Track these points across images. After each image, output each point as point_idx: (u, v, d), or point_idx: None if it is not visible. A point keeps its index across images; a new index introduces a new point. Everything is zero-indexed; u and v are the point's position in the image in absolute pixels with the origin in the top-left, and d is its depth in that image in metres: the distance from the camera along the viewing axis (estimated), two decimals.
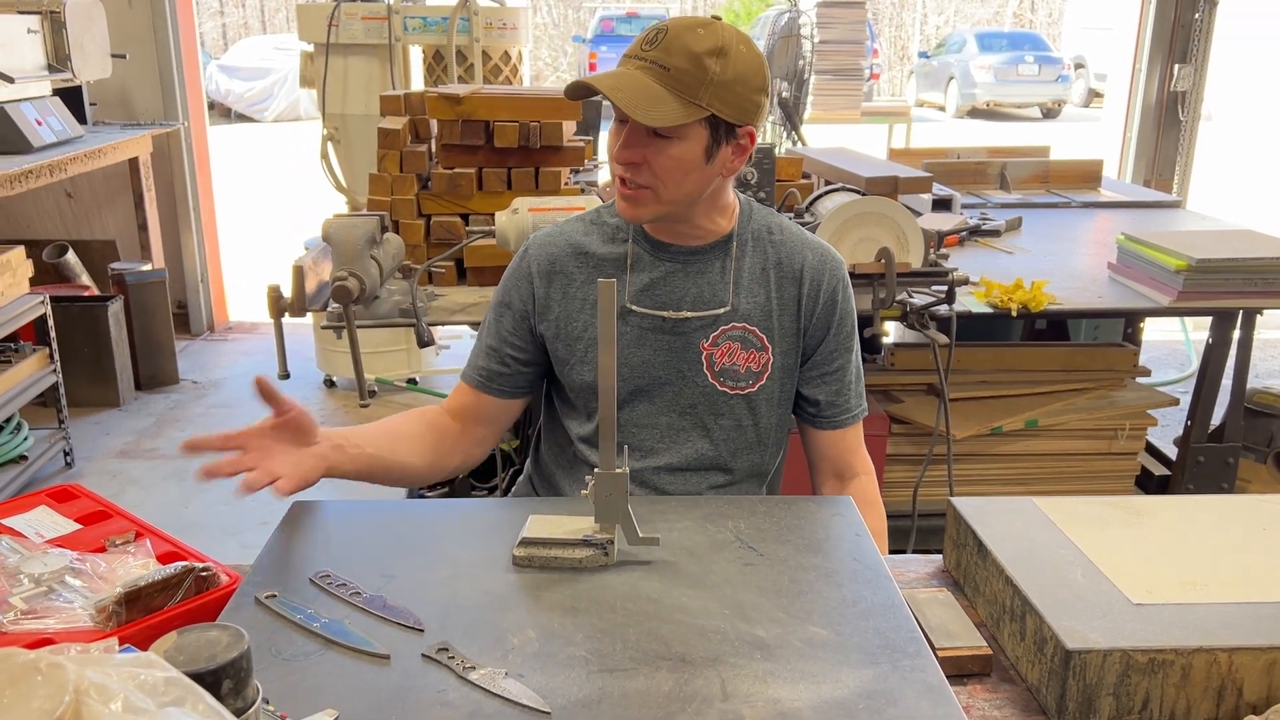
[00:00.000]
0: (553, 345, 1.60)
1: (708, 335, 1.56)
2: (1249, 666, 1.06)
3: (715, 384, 1.56)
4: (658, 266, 1.57)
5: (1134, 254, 2.69)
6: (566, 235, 1.61)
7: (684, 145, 1.42)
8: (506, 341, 1.61)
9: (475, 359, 1.64)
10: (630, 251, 1.57)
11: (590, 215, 1.64)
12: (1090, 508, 1.38)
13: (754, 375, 1.57)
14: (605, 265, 1.58)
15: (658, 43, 1.40)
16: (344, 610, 1.12)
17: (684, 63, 1.38)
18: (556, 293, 1.59)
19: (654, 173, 1.44)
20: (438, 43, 4.47)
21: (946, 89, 17.31)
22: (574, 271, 1.59)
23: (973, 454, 2.91)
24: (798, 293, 1.59)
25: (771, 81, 5.04)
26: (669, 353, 1.56)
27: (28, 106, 4.17)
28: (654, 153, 1.43)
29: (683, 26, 1.42)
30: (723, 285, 1.56)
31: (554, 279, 1.59)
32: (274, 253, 6.90)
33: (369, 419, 4.77)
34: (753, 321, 1.57)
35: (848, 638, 1.08)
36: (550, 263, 1.59)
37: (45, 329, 3.73)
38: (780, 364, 1.59)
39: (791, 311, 1.59)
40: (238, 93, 16.45)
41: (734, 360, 1.56)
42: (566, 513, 1.28)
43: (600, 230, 1.61)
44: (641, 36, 1.44)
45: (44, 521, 1.41)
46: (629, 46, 1.46)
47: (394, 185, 2.78)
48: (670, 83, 1.39)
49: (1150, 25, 5.38)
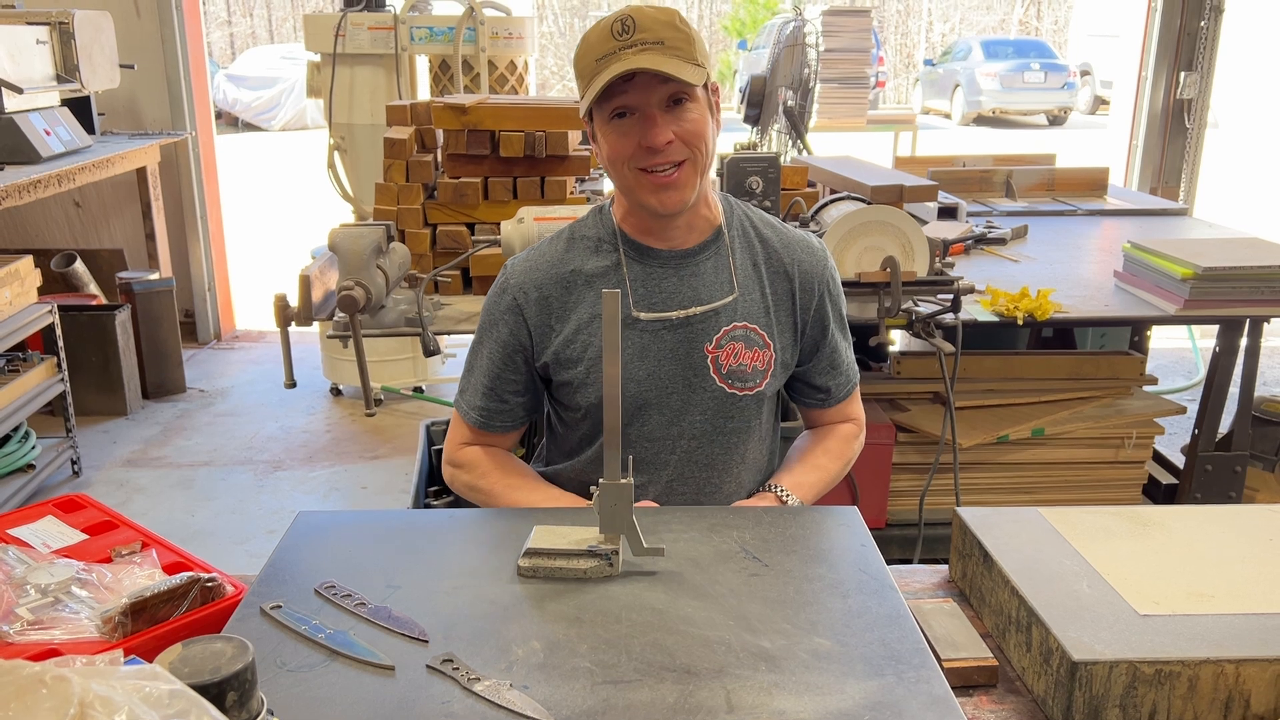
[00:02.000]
0: (554, 370, 1.58)
1: (710, 338, 1.56)
2: (1256, 678, 1.06)
3: (725, 387, 1.56)
4: (651, 272, 1.56)
5: (1140, 262, 2.69)
6: (547, 259, 1.59)
7: (696, 106, 1.46)
8: (501, 378, 1.60)
9: (472, 398, 1.63)
10: (622, 260, 1.57)
11: (565, 233, 1.62)
12: (1096, 518, 1.38)
13: (760, 374, 1.58)
14: (596, 280, 1.56)
15: (631, 29, 1.43)
16: (349, 621, 1.12)
17: (668, 33, 1.43)
18: (553, 319, 1.57)
19: (686, 142, 1.46)
20: (444, 52, 4.49)
21: (952, 96, 17.31)
22: (564, 295, 1.56)
23: (979, 463, 2.90)
24: (791, 289, 1.60)
25: (778, 90, 5.06)
26: (674, 362, 1.55)
27: (36, 117, 4.19)
28: (679, 124, 1.45)
29: (635, 10, 1.45)
30: (720, 280, 1.57)
31: (547, 307, 1.57)
32: (280, 261, 6.93)
33: (375, 428, 4.77)
34: (753, 319, 1.58)
35: (853, 649, 1.07)
36: (537, 289, 1.57)
37: (53, 338, 3.75)
38: (780, 359, 1.60)
39: (787, 308, 1.60)
40: (245, 102, 16.53)
41: (740, 360, 1.56)
42: (571, 523, 1.28)
43: (581, 245, 1.59)
44: (603, 34, 1.44)
45: (51, 532, 1.41)
46: (596, 48, 1.44)
47: (400, 194, 2.79)
48: (672, 52, 1.43)
49: (1156, 33, 5.37)
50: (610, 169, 1.50)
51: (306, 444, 4.30)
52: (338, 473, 4.04)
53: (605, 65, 1.43)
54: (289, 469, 4.07)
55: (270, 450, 4.23)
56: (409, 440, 4.31)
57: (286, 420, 4.54)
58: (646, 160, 1.46)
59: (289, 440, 4.34)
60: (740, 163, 2.55)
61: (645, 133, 1.44)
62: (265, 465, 4.10)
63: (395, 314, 2.49)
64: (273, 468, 4.08)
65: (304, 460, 4.15)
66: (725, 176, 2.56)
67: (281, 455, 4.19)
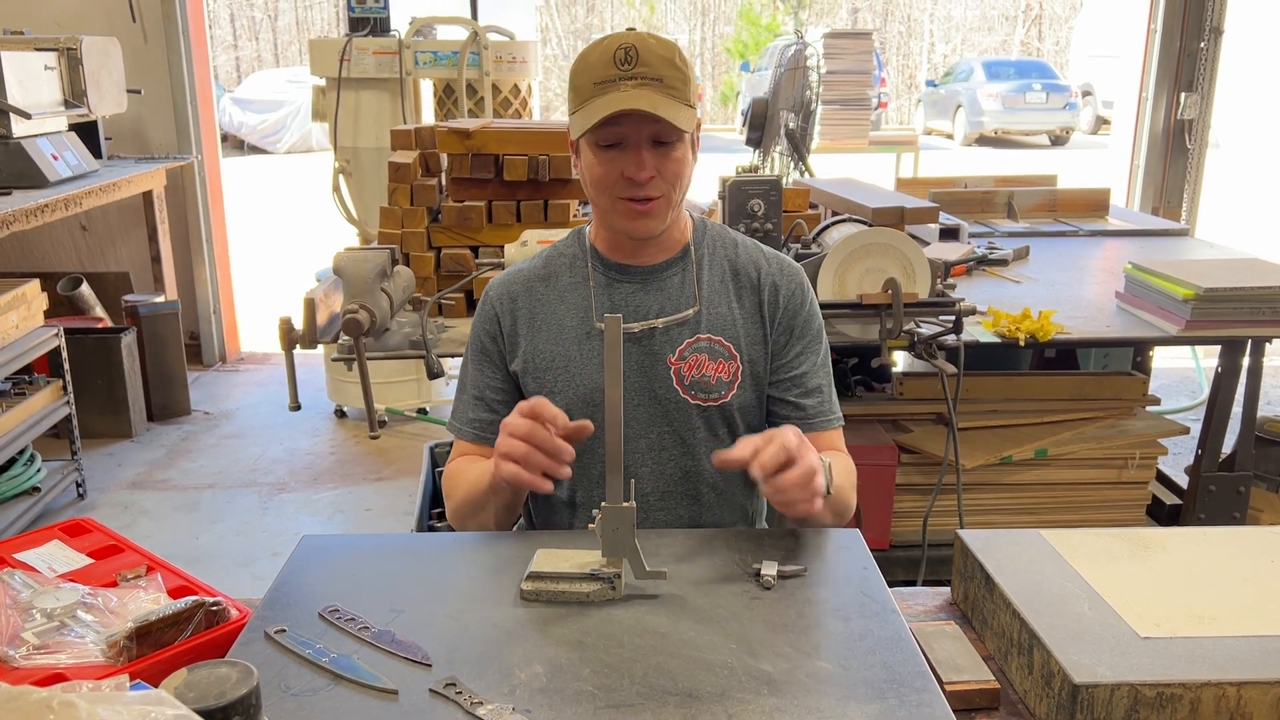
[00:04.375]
0: (524, 381, 1.61)
1: (674, 349, 1.58)
2: (1258, 700, 1.06)
3: (687, 397, 1.58)
4: (619, 287, 1.61)
5: (1142, 283, 2.69)
6: (524, 272, 1.66)
7: (681, 146, 1.50)
8: (490, 387, 1.63)
9: (463, 411, 1.64)
10: (590, 277, 1.61)
11: (546, 252, 1.68)
12: (1098, 540, 1.38)
13: (725, 385, 1.59)
14: (568, 293, 1.61)
15: (634, 60, 1.45)
16: (353, 645, 1.13)
17: (668, 70, 1.46)
18: (522, 326, 1.61)
19: (665, 179, 1.50)
20: (448, 76, 4.52)
21: (954, 117, 17.37)
22: (535, 303, 1.62)
23: (982, 484, 2.90)
24: (758, 299, 1.62)
25: (779, 113, 5.08)
26: (638, 371, 1.58)
27: (44, 141, 4.23)
28: (662, 162, 1.49)
29: (638, 38, 1.47)
30: (684, 294, 1.60)
31: (517, 315, 1.62)
32: (285, 284, 6.95)
33: (379, 450, 4.77)
34: (718, 331, 1.59)
35: (855, 672, 1.08)
36: (512, 300, 1.63)
37: (59, 361, 3.76)
38: (750, 372, 1.61)
39: (755, 319, 1.62)
40: (250, 125, 16.62)
41: (703, 372, 1.58)
42: (573, 547, 1.28)
43: (557, 262, 1.65)
44: (605, 58, 1.46)
45: (56, 556, 1.42)
46: (596, 70, 1.47)
47: (404, 218, 2.81)
48: (669, 91, 1.46)
49: (1156, 54, 5.40)
50: (590, 190, 1.55)
51: (311, 466, 4.31)
52: (342, 495, 4.05)
53: (604, 92, 1.45)
54: (293, 491, 4.08)
55: (275, 472, 4.24)
56: (413, 462, 4.31)
57: (291, 442, 4.55)
58: (627, 190, 1.50)
59: (293, 462, 4.34)
60: (742, 185, 2.57)
61: (630, 165, 1.48)
62: (270, 487, 4.10)
63: (399, 337, 2.51)
64: (277, 490, 4.08)
65: (308, 482, 4.16)
66: (727, 199, 2.58)
67: (286, 477, 4.20)
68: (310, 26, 23.34)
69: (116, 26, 5.07)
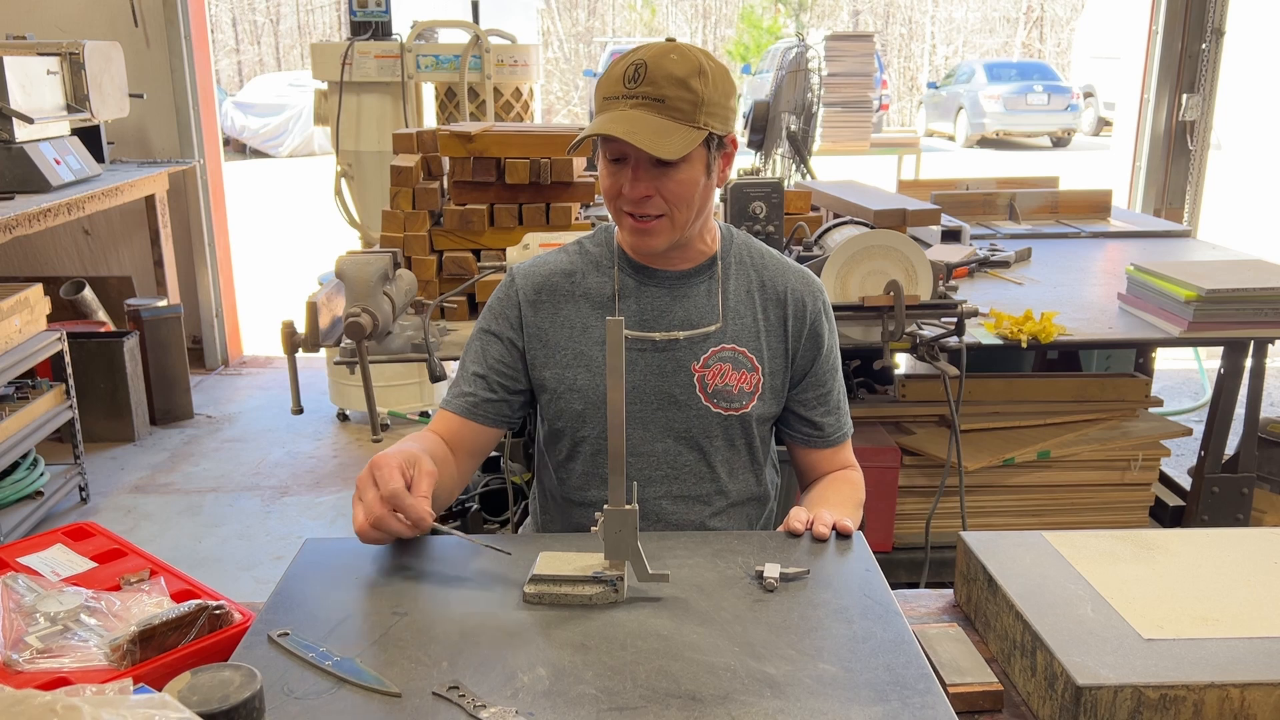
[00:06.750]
0: (539, 374, 1.60)
1: (698, 357, 1.58)
2: (1261, 702, 1.06)
3: (710, 405, 1.58)
4: (644, 292, 1.60)
5: (1144, 284, 2.69)
6: (551, 264, 1.64)
7: (690, 168, 1.47)
8: (494, 369, 1.61)
9: (459, 386, 1.63)
10: (616, 279, 1.60)
11: (573, 246, 1.67)
12: (1101, 542, 1.38)
13: (747, 395, 1.59)
14: (592, 293, 1.60)
15: (641, 78, 1.43)
16: (356, 648, 1.13)
17: (674, 90, 1.43)
18: (545, 319, 1.61)
19: (666, 200, 1.48)
20: (450, 80, 4.53)
21: (956, 119, 17.37)
22: (561, 299, 1.61)
23: (985, 485, 2.90)
24: (783, 314, 1.62)
25: (781, 115, 5.08)
26: (659, 376, 1.58)
27: (47, 146, 4.24)
28: (663, 182, 1.47)
29: (657, 54, 1.45)
30: (710, 306, 1.59)
31: (540, 306, 1.61)
32: (288, 288, 6.96)
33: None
34: (742, 342, 1.60)
35: (858, 674, 1.08)
36: (536, 291, 1.62)
37: (62, 365, 3.77)
38: (769, 384, 1.61)
39: (779, 334, 1.62)
40: (253, 129, 16.64)
41: (726, 381, 1.58)
42: (576, 549, 1.28)
43: (584, 259, 1.64)
44: (617, 74, 1.46)
45: (60, 560, 1.42)
46: (606, 86, 1.47)
47: (407, 222, 2.81)
48: (669, 113, 1.43)
49: (1157, 55, 5.40)
50: (604, 197, 1.55)
51: (313, 469, 4.31)
52: (345, 498, 4.05)
53: (606, 109, 1.46)
54: (296, 494, 4.08)
55: (277, 476, 4.24)
56: None
57: (293, 446, 4.56)
58: (628, 205, 1.50)
59: (296, 466, 4.35)
60: (743, 188, 2.57)
61: (627, 183, 1.47)
62: (272, 491, 4.11)
63: (401, 340, 2.51)
64: (280, 493, 4.09)
65: (311, 486, 4.16)
66: (728, 202, 2.58)
67: (289, 481, 4.20)
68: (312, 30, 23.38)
69: (119, 31, 5.08)
